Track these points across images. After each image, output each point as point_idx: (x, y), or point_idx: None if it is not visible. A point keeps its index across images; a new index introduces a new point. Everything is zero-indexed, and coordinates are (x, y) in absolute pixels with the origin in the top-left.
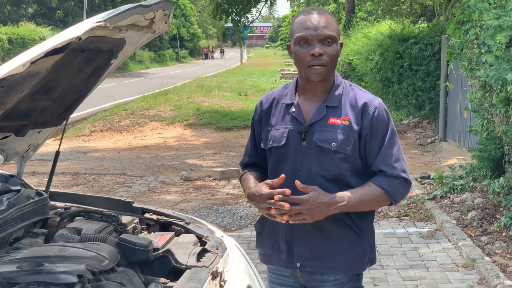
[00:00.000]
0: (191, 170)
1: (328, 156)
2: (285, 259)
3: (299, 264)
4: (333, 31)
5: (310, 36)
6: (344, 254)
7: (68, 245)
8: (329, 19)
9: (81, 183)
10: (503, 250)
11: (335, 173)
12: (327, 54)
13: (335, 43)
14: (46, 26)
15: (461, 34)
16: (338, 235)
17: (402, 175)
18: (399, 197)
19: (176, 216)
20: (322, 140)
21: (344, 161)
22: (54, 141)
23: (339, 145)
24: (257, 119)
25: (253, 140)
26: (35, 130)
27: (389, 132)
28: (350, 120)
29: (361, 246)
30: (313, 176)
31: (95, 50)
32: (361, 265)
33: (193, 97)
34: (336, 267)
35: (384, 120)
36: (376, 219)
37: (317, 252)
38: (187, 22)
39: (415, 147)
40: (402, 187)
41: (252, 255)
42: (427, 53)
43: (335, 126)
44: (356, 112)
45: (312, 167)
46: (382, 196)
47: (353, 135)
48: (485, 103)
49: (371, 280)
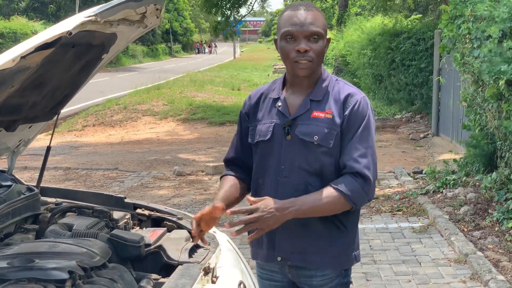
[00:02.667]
0: (183, 165)
1: (311, 149)
2: (266, 253)
3: (279, 258)
4: (319, 27)
5: (296, 32)
6: (325, 248)
7: (59, 241)
8: (316, 15)
9: (73, 178)
10: (496, 245)
11: (317, 167)
12: (312, 50)
13: (321, 40)
14: (38, 20)
15: (453, 28)
16: (319, 229)
17: (363, 171)
18: (359, 199)
19: (168, 212)
20: (305, 133)
21: (326, 155)
22: (46, 135)
23: (321, 139)
24: (244, 114)
25: (240, 135)
26: (25, 125)
27: (362, 126)
28: (333, 113)
29: (343, 241)
30: (296, 170)
31: (86, 45)
32: (345, 260)
33: (186, 92)
34: (317, 262)
35: (362, 115)
36: (368, 214)
37: (298, 246)
38: (180, 17)
39: (408, 142)
40: (361, 188)
41: (244, 251)
42: (420, 48)
43: (318, 119)
44: (339, 105)
45: (295, 160)
46: (339, 199)
47: (335, 129)
48: (478, 98)
49: (363, 275)
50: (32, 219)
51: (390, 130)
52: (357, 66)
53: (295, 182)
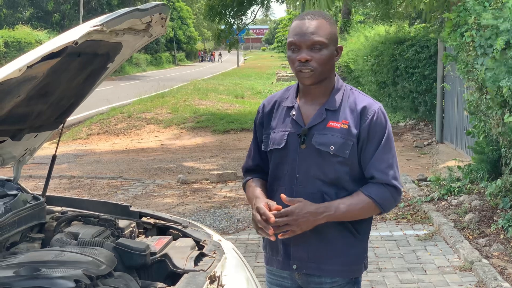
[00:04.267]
0: (188, 173)
1: (326, 159)
2: (282, 261)
3: (295, 266)
4: (322, 37)
5: (298, 41)
6: (341, 257)
7: (65, 250)
8: (321, 24)
9: (77, 186)
10: (501, 252)
11: (333, 176)
12: (314, 59)
13: (325, 49)
14: (42, 29)
15: (457, 37)
16: (335, 238)
17: (393, 182)
18: (388, 206)
19: (174, 220)
20: (321, 143)
21: (342, 164)
22: (51, 144)
23: (337, 149)
24: (258, 122)
25: (256, 143)
26: (31, 134)
27: (385, 137)
28: (349, 123)
29: (358, 249)
30: (311, 179)
31: (91, 54)
32: (357, 269)
33: (189, 100)
34: (332, 270)
35: (382, 125)
36: (373, 221)
37: (313, 255)
38: (183, 25)
39: (412, 149)
40: (391, 196)
41: (249, 259)
42: (423, 55)
43: (334, 129)
44: (355, 116)
45: (310, 170)
46: (370, 205)
47: (351, 139)
48: (482, 105)
49: (369, 283)
50: (38, 228)
51: (394, 137)
52: (360, 73)
53: (310, 191)
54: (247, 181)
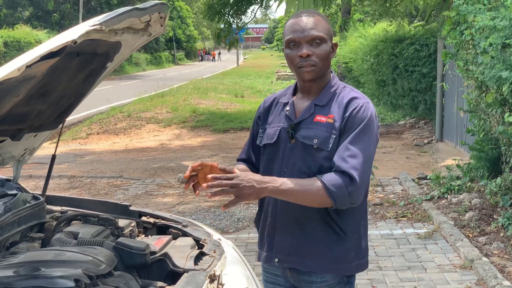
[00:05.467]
0: None
1: (310, 153)
2: (266, 254)
3: (277, 260)
4: (321, 32)
5: (297, 38)
6: (322, 253)
7: (65, 250)
8: (318, 20)
9: (77, 186)
10: (501, 250)
11: (316, 170)
12: (315, 54)
13: (324, 44)
14: (42, 29)
15: (456, 35)
16: (317, 234)
17: (350, 171)
18: (340, 197)
19: (173, 219)
20: (305, 136)
21: (326, 159)
22: (51, 144)
23: (320, 142)
24: (257, 117)
25: (251, 138)
26: (31, 133)
27: (360, 128)
28: (334, 118)
29: (342, 247)
30: (296, 173)
31: (91, 54)
32: (345, 267)
33: (189, 99)
34: (313, 266)
35: (362, 118)
36: (373, 220)
37: (294, 249)
38: (183, 24)
39: (412, 147)
40: (345, 187)
41: (249, 258)
42: (423, 54)
43: (320, 123)
44: (341, 109)
45: (296, 164)
46: (319, 191)
47: (335, 133)
48: (481, 103)
49: (369, 281)
50: (37, 228)
51: (394, 136)
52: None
53: None
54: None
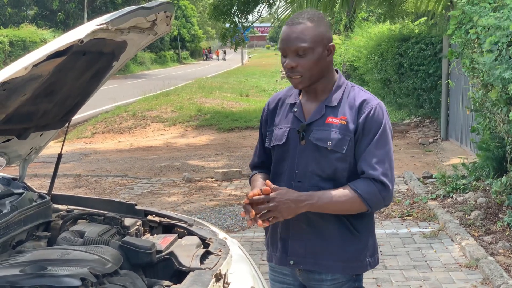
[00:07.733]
0: (193, 171)
1: (324, 155)
2: (279, 256)
3: (292, 262)
4: (306, 42)
5: (283, 48)
6: (337, 253)
7: (71, 248)
8: (304, 29)
9: (83, 185)
10: (507, 249)
11: (330, 172)
12: (300, 65)
13: (310, 54)
14: (47, 28)
15: (461, 34)
16: (332, 234)
17: (381, 178)
18: (375, 203)
19: (179, 218)
20: (318, 138)
21: (340, 160)
22: (56, 143)
23: (334, 144)
24: (264, 120)
25: (261, 140)
26: (37, 133)
27: (379, 132)
28: (347, 119)
29: (356, 246)
30: (308, 175)
31: (97, 53)
32: (358, 265)
33: (194, 98)
34: (329, 266)
35: (379, 121)
36: (378, 219)
37: (310, 250)
38: (188, 23)
39: (417, 146)
40: (379, 192)
41: (255, 256)
42: (428, 52)
43: (332, 125)
44: (354, 111)
45: (308, 165)
46: (355, 200)
47: (349, 134)
48: (487, 102)
49: (374, 280)
50: (44, 227)
51: (399, 135)
52: (365, 71)
53: (308, 187)
54: (252, 175)
